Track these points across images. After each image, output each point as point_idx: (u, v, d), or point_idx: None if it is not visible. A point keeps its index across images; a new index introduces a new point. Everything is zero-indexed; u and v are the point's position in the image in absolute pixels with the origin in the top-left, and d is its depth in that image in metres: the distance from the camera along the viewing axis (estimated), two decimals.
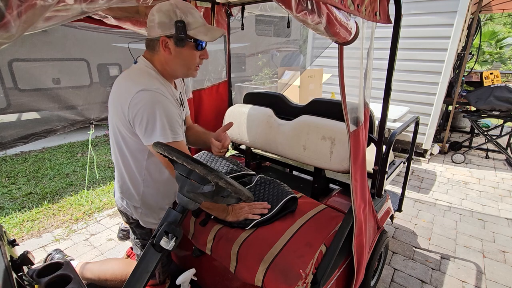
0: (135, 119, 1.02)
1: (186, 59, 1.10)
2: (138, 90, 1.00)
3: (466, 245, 2.27)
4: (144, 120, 1.01)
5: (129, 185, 1.22)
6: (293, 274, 1.03)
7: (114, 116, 1.10)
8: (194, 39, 1.06)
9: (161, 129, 1.01)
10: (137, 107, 1.00)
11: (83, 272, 1.50)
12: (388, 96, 1.37)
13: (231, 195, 0.83)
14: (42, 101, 2.58)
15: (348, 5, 0.81)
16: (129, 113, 1.02)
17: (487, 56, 8.88)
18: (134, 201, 1.24)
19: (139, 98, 1.00)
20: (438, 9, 3.49)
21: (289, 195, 1.37)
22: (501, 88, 3.43)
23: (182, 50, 1.07)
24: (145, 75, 1.08)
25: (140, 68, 1.11)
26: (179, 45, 1.06)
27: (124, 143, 1.14)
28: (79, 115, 2.72)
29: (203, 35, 1.06)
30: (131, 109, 1.01)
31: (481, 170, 3.68)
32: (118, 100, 1.06)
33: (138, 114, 1.01)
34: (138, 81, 1.04)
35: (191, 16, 1.04)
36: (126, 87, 1.05)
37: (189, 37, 1.04)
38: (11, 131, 2.28)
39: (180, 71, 1.14)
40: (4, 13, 0.34)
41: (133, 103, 1.00)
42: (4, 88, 2.93)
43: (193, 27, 1.04)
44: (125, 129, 1.09)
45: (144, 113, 1.00)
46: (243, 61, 5.95)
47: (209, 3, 1.83)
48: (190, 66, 1.13)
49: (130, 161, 1.17)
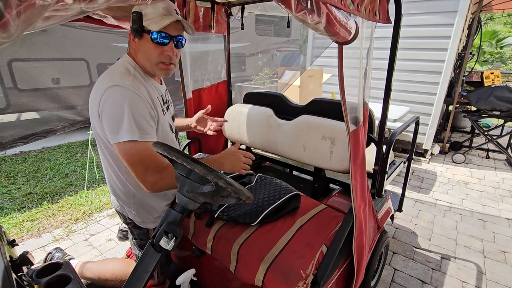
0: (102, 115, 0.98)
1: (146, 52, 1.06)
2: (108, 86, 0.97)
3: (466, 245, 2.26)
4: (110, 116, 0.97)
5: (118, 186, 1.20)
6: (293, 274, 1.03)
7: (92, 117, 1.06)
8: (148, 31, 1.02)
9: (127, 126, 0.95)
10: (106, 104, 0.97)
11: (83, 272, 1.50)
12: (388, 96, 1.37)
13: (230, 195, 0.83)
14: (41, 101, 2.58)
15: (347, 4, 0.81)
16: (99, 110, 0.99)
17: (487, 56, 8.88)
18: (127, 202, 1.23)
19: (108, 94, 0.97)
20: (438, 9, 3.49)
21: (293, 191, 1.37)
22: (502, 88, 3.43)
23: (141, 42, 1.05)
24: (119, 71, 1.05)
25: (118, 64, 1.08)
26: (137, 37, 1.04)
27: (103, 144, 1.10)
28: (79, 115, 2.72)
29: (154, 24, 1.00)
30: (101, 105, 0.98)
31: (481, 170, 3.68)
32: (92, 98, 1.04)
33: (105, 110, 0.97)
34: (110, 78, 1.01)
35: (152, 7, 1.00)
36: (99, 84, 1.02)
37: (144, 29, 1.01)
38: (11, 131, 2.28)
39: (145, 65, 1.09)
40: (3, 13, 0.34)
41: (103, 99, 0.97)
42: (4, 88, 2.93)
43: (149, 17, 1.01)
44: (101, 129, 1.04)
45: (111, 109, 0.96)
46: (243, 61, 5.95)
47: (209, 3, 1.83)
48: (152, 61, 1.07)
49: (112, 163, 1.14)
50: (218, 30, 1.96)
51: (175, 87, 3.76)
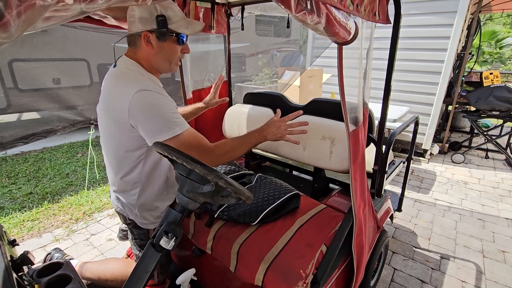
0: (137, 121, 1.02)
1: (168, 53, 1.11)
2: (136, 91, 0.99)
3: (466, 245, 2.27)
4: (149, 119, 1.01)
5: (125, 186, 1.21)
6: (293, 274, 1.03)
7: (108, 120, 1.09)
8: (176, 33, 1.07)
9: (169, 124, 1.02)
10: (139, 109, 1.00)
11: (83, 272, 1.50)
12: (387, 96, 1.37)
13: (230, 194, 0.83)
14: (42, 101, 2.59)
15: (347, 5, 0.81)
16: (130, 116, 1.01)
17: (487, 56, 8.88)
18: (131, 201, 1.23)
19: (138, 98, 0.99)
20: (437, 9, 3.49)
21: (292, 191, 1.37)
22: (501, 88, 3.43)
23: (164, 44, 1.08)
24: (137, 75, 1.07)
25: (129, 69, 1.09)
26: (161, 39, 1.06)
27: (120, 145, 1.12)
28: (79, 115, 2.72)
29: (184, 28, 1.07)
30: (132, 111, 1.00)
31: (481, 170, 3.68)
32: (112, 103, 1.06)
33: (140, 115, 1.01)
34: (133, 83, 1.03)
35: (171, 11, 1.05)
36: (121, 90, 1.04)
37: (170, 31, 1.06)
38: (11, 131, 2.28)
39: (163, 66, 1.14)
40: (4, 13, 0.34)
41: (133, 104, 0.99)
42: (4, 88, 2.93)
43: (174, 21, 1.05)
44: (122, 132, 1.07)
45: (149, 112, 1.01)
46: (243, 61, 5.96)
47: (209, 3, 1.84)
48: (172, 60, 1.14)
49: (127, 163, 1.16)
50: (218, 31, 1.96)
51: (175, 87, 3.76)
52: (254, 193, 1.37)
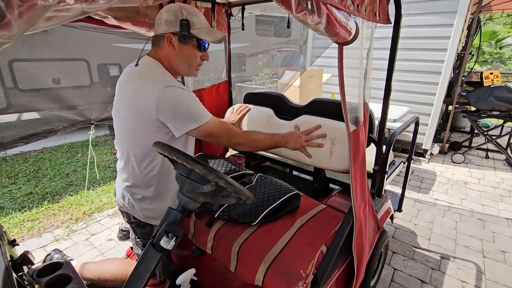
0: (166, 115, 1.08)
1: (188, 56, 1.17)
2: (162, 88, 1.05)
3: (466, 245, 2.27)
4: (179, 111, 1.09)
5: (144, 178, 1.22)
6: (293, 274, 1.03)
7: (132, 116, 1.13)
8: (197, 39, 1.14)
9: (197, 113, 1.12)
10: (167, 104, 1.06)
11: (83, 272, 1.50)
12: (388, 96, 1.37)
13: (231, 194, 0.83)
14: (42, 101, 2.58)
15: (348, 5, 0.81)
16: (157, 111, 1.07)
17: (487, 56, 8.88)
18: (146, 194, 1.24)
19: (166, 95, 1.06)
20: (438, 9, 3.49)
21: (292, 191, 1.37)
22: (501, 88, 3.43)
23: (185, 47, 1.14)
24: (160, 73, 1.14)
25: (152, 68, 1.15)
26: (182, 42, 1.12)
27: (143, 139, 1.15)
28: (80, 115, 2.72)
29: (205, 35, 1.14)
30: (160, 106, 1.06)
31: (481, 170, 3.69)
32: (137, 101, 1.10)
33: (168, 110, 1.07)
34: (158, 80, 1.09)
35: (196, 18, 1.12)
36: (147, 87, 1.09)
37: (192, 36, 1.12)
38: (11, 131, 2.28)
39: (182, 67, 1.20)
40: (5, 13, 0.34)
41: (161, 100, 1.05)
42: (5, 88, 2.93)
43: (197, 27, 1.12)
44: (147, 127, 1.13)
45: (179, 105, 1.08)
46: (243, 61, 5.95)
47: (209, 3, 1.84)
48: (191, 64, 1.20)
49: (151, 156, 1.19)
50: (219, 31, 1.96)
51: None
52: (254, 193, 1.37)
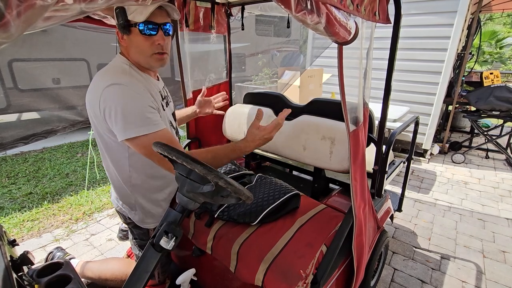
0: (106, 115, 0.98)
1: (138, 46, 1.04)
2: (106, 85, 0.97)
3: (466, 245, 2.27)
4: (115, 114, 0.96)
5: (120, 184, 1.20)
6: (293, 274, 1.03)
7: (92, 116, 1.07)
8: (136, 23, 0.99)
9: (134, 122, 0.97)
10: (107, 103, 0.97)
11: (84, 271, 1.51)
12: (388, 96, 1.37)
13: (230, 194, 0.83)
14: (42, 101, 2.58)
15: (347, 5, 0.81)
16: (100, 110, 0.99)
17: (487, 56, 8.88)
18: (129, 201, 1.23)
19: (108, 93, 0.97)
20: (438, 9, 3.49)
21: (292, 191, 1.37)
22: (501, 88, 3.43)
23: (130, 37, 1.02)
24: (114, 70, 1.05)
25: (112, 65, 1.08)
26: (126, 33, 1.01)
27: (104, 142, 1.12)
28: (79, 116, 2.72)
29: (139, 15, 0.97)
30: (102, 105, 0.98)
31: (481, 170, 3.68)
32: (90, 98, 1.04)
33: (108, 109, 0.97)
34: (107, 77, 1.01)
35: None
36: (96, 84, 1.02)
37: (131, 23, 0.99)
38: (11, 132, 2.28)
39: (139, 60, 1.08)
40: (4, 13, 0.34)
41: (103, 98, 0.97)
42: (4, 89, 2.93)
43: (132, 9, 0.96)
44: (101, 127, 1.06)
45: (115, 107, 0.96)
46: (243, 61, 5.96)
47: (209, 3, 1.83)
48: (146, 53, 1.05)
49: (114, 160, 1.15)
50: (218, 31, 1.96)
51: (175, 87, 3.76)
52: (254, 193, 1.37)
